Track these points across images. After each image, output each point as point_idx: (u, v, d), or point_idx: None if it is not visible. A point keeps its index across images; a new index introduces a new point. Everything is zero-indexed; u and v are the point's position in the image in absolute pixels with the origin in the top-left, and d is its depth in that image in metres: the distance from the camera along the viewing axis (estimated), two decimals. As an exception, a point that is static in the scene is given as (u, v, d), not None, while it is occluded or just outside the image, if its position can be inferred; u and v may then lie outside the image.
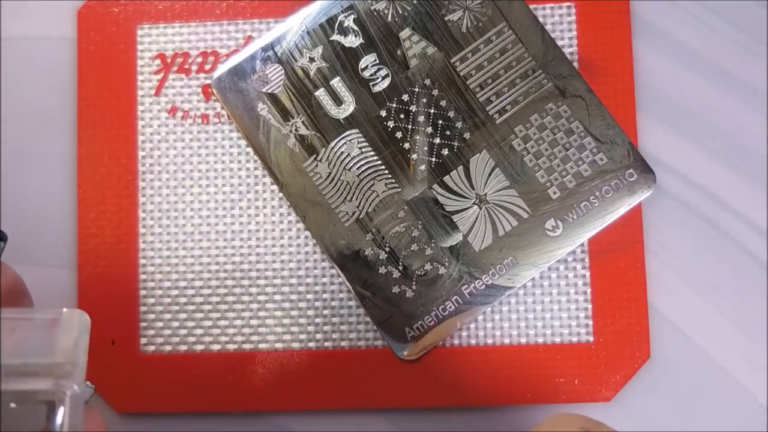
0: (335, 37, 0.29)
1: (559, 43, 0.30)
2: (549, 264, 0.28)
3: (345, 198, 0.29)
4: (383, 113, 0.29)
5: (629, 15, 0.30)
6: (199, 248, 0.30)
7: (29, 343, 0.20)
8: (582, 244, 0.29)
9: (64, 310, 0.21)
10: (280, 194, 0.29)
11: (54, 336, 0.20)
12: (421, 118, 0.29)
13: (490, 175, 0.29)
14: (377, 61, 0.29)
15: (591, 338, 0.29)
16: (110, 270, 0.29)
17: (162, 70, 0.30)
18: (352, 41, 0.29)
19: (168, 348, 0.29)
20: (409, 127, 0.29)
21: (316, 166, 0.29)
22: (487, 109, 0.29)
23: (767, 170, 0.30)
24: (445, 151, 0.29)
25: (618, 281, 0.29)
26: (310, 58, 0.29)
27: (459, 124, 0.29)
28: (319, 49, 0.29)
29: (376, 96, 0.29)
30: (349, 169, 0.29)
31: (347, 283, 0.29)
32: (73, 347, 0.20)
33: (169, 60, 0.30)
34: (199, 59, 0.30)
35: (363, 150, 0.29)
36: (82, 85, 0.30)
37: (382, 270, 0.29)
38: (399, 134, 0.29)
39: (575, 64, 0.30)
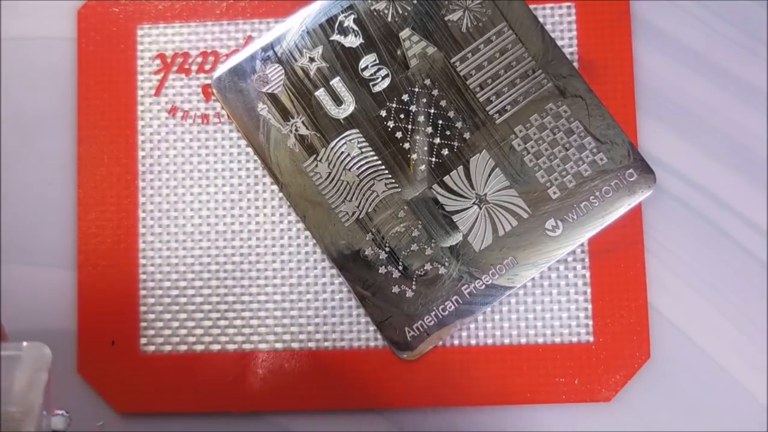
0: (335, 37, 0.29)
1: (559, 43, 0.30)
2: (549, 264, 0.28)
3: (345, 198, 0.29)
4: (383, 113, 0.29)
5: (629, 15, 0.30)
6: (199, 248, 0.30)
7: None
8: (582, 244, 0.29)
9: (24, 344, 0.18)
10: (280, 194, 0.29)
11: (11, 378, 0.18)
12: (421, 118, 0.29)
13: (490, 175, 0.29)
14: (377, 61, 0.29)
15: (591, 338, 0.29)
16: (110, 270, 0.29)
17: (162, 70, 0.30)
18: (352, 41, 0.29)
19: (168, 348, 0.29)
20: (409, 127, 0.29)
21: (316, 166, 0.29)
22: (487, 109, 0.29)
23: (767, 170, 0.30)
24: (445, 151, 0.29)
25: (618, 281, 0.29)
26: (310, 58, 0.29)
27: (459, 124, 0.29)
28: (319, 49, 0.29)
29: (376, 96, 0.29)
30: (349, 169, 0.29)
31: (347, 283, 0.29)
32: (27, 390, 0.18)
33: (169, 60, 0.30)
34: (199, 59, 0.30)
35: (363, 150, 0.29)
36: (82, 85, 0.30)
37: (382, 270, 0.29)
38: (399, 134, 0.29)
39: (575, 64, 0.30)
